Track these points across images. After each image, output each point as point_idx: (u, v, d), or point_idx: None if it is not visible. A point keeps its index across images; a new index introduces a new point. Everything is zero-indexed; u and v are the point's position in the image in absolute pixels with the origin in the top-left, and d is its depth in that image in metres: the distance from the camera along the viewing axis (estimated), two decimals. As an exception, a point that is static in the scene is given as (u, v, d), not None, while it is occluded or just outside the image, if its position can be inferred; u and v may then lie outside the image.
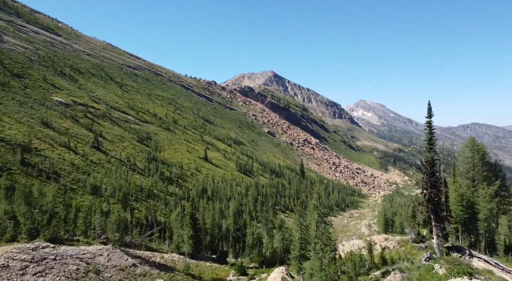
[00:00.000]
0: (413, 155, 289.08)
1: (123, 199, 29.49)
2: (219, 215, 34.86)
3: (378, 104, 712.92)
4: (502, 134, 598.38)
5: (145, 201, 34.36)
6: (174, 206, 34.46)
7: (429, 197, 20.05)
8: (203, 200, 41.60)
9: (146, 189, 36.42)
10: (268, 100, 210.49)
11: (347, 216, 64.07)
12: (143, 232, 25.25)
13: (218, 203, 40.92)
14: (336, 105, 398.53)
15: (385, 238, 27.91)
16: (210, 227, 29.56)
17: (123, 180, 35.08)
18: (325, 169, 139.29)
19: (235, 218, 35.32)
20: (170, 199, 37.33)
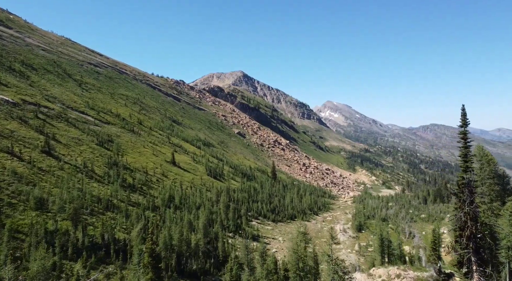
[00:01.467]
0: (379, 154, 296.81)
1: (74, 214, 25.15)
2: (188, 228, 31.41)
3: (344, 105, 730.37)
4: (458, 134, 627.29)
5: (103, 214, 30.12)
6: (137, 218, 30.47)
7: (470, 234, 16.45)
8: (169, 209, 37.82)
9: (104, 200, 32.09)
10: (238, 100, 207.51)
11: (320, 220, 62.34)
12: (97, 256, 21.42)
13: (186, 213, 37.29)
14: (305, 106, 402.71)
15: (396, 275, 24.32)
16: (177, 243, 26.19)
17: (77, 190, 30.55)
18: (295, 170, 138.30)
19: (205, 230, 31.98)
20: (133, 210, 33.25)
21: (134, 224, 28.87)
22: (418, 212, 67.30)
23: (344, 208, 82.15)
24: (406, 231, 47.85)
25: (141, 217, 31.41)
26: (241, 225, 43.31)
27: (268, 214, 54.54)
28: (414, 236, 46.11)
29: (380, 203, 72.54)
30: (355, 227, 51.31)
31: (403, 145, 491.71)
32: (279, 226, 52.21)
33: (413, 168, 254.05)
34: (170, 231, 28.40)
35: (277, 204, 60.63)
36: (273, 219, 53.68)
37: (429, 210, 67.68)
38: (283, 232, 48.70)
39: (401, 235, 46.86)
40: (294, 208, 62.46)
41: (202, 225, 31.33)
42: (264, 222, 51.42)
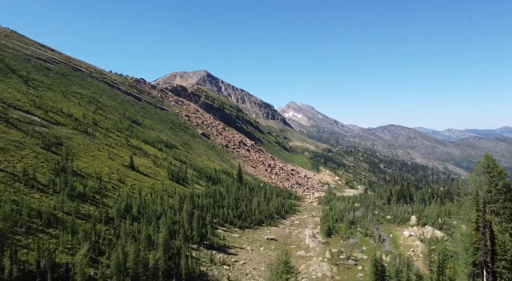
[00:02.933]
0: (341, 154, 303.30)
1: (0, 236, 20.55)
2: (146, 244, 27.88)
3: (307, 106, 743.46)
4: (413, 135, 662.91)
5: (43, 231, 25.72)
6: (85, 235, 26.39)
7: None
8: (126, 221, 33.82)
9: (46, 213, 27.53)
10: (202, 100, 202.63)
11: (288, 224, 60.49)
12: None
13: (145, 225, 33.52)
14: (269, 106, 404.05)
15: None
16: (133, 266, 22.69)
17: (11, 203, 25.82)
18: (261, 171, 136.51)
19: (166, 244, 28.52)
20: (81, 224, 29.06)
21: (81, 243, 24.81)
22: (383, 213, 67.47)
23: (310, 210, 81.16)
24: (376, 235, 47.04)
25: (90, 233, 27.31)
26: (206, 235, 40.10)
27: (234, 220, 51.70)
28: (383, 240, 45.30)
29: (347, 205, 72.08)
30: (324, 231, 49.82)
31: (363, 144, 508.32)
32: (246, 232, 49.57)
33: (373, 168, 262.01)
34: (125, 248, 24.78)
35: (243, 209, 57.94)
36: (240, 226, 50.93)
37: (394, 211, 68.09)
38: (251, 240, 46.10)
39: (371, 239, 45.91)
40: (262, 213, 60.08)
41: (162, 240, 27.82)
42: (231, 229, 48.55)
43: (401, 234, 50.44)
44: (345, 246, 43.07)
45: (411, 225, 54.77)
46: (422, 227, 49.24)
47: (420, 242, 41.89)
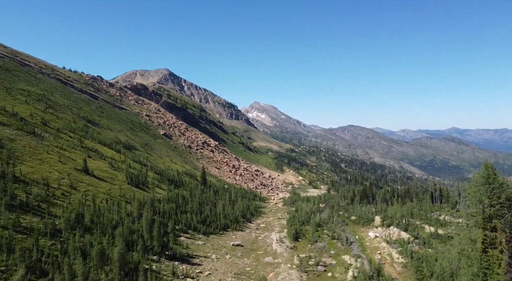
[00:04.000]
0: (304, 154, 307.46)
1: None
2: (98, 261, 24.85)
3: (271, 106, 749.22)
4: (372, 135, 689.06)
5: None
6: (23, 253, 22.89)
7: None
8: (75, 233, 30.31)
9: (-22, 228, 23.76)
10: (164, 99, 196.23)
11: (254, 228, 58.81)
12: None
13: (98, 237, 30.25)
14: (233, 106, 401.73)
15: None
16: (81, 290, 19.83)
17: None
18: (225, 172, 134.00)
19: (123, 259, 25.64)
20: (21, 239, 25.37)
21: (18, 263, 21.36)
22: (348, 214, 67.80)
23: (275, 211, 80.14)
24: (343, 237, 46.52)
25: (32, 250, 23.81)
26: (168, 244, 37.30)
27: (198, 226, 49.12)
28: (351, 242, 44.83)
29: (312, 206, 71.73)
30: (291, 235, 48.61)
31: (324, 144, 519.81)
32: (211, 239, 47.19)
33: (335, 167, 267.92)
34: (73, 267, 21.71)
35: (208, 213, 55.45)
36: (204, 232, 48.45)
37: (358, 211, 68.62)
38: (216, 247, 43.80)
39: (338, 242, 45.31)
40: (227, 217, 57.90)
41: (118, 254, 24.90)
42: (195, 236, 45.95)
43: (367, 236, 50.44)
44: (314, 250, 42.04)
45: (375, 226, 55.07)
46: (387, 228, 49.47)
47: (386, 244, 41.78)
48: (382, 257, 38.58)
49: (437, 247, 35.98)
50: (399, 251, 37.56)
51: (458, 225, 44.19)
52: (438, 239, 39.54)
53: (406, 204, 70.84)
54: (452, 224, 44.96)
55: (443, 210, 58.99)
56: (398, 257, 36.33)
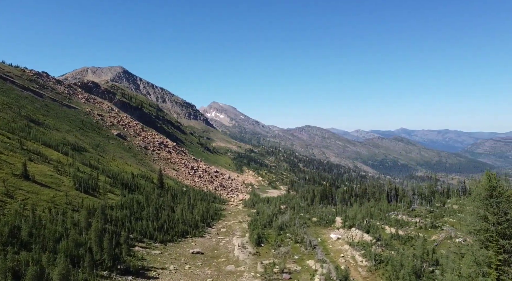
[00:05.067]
0: (263, 155, 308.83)
1: None
2: (35, 284, 21.43)
3: (229, 106, 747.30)
4: (328, 135, 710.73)
5: None
6: None
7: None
8: (8, 250, 26.26)
9: None
10: (118, 98, 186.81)
11: (214, 233, 56.49)
12: None
13: (37, 254, 26.48)
14: (191, 106, 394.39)
15: None
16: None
17: None
18: (183, 174, 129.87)
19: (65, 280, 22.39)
20: None
21: None
22: (309, 215, 67.70)
23: (236, 214, 78.33)
24: (306, 241, 45.74)
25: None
26: (120, 256, 34.02)
27: (155, 233, 45.91)
28: (314, 246, 44.13)
29: (274, 208, 70.76)
30: (254, 240, 47.01)
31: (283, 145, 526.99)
32: (169, 247, 44.25)
33: (294, 167, 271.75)
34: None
35: (165, 219, 52.25)
36: (161, 240, 45.33)
37: (319, 212, 68.79)
38: (174, 256, 41.03)
39: (302, 246, 44.43)
40: (186, 222, 55.03)
41: (59, 276, 21.66)
42: (151, 245, 42.79)
43: (329, 238, 50.19)
44: (277, 256, 40.71)
45: (337, 227, 55.14)
46: (348, 229, 49.51)
47: (349, 247, 41.52)
48: (345, 260, 38.14)
49: (399, 248, 36.10)
50: (362, 254, 37.30)
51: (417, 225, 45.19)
52: (399, 240, 39.92)
53: (365, 204, 72.22)
54: (410, 224, 45.84)
55: (399, 209, 60.51)
56: (362, 260, 36.02)
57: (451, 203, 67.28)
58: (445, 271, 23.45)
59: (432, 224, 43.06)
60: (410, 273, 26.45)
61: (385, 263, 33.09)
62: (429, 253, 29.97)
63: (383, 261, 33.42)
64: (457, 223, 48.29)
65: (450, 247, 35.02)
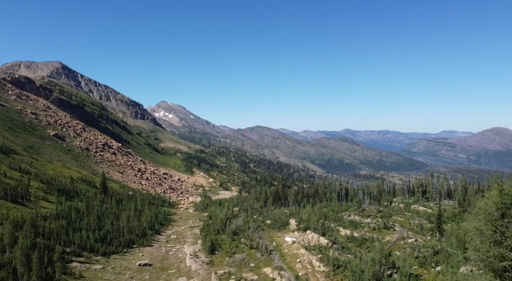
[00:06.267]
0: (213, 155, 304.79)
1: None
2: None
3: (179, 106, 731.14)
4: (277, 135, 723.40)
5: None
6: None
7: None
8: None
9: None
10: (56, 95, 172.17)
11: (164, 241, 52.91)
12: None
13: None
14: (138, 105, 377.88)
15: None
16: None
17: None
18: (130, 177, 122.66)
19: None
20: None
21: None
22: (263, 218, 66.37)
23: (187, 218, 74.94)
24: (261, 246, 44.19)
25: None
26: (54, 276, 29.74)
27: (96, 245, 41.46)
28: (270, 252, 42.68)
29: (227, 211, 68.45)
30: (207, 248, 44.41)
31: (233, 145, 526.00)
32: (112, 260, 40.13)
33: (245, 167, 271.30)
34: None
35: (109, 228, 47.75)
36: (104, 252, 41.03)
37: (272, 214, 67.81)
38: (118, 270, 37.16)
39: (258, 252, 42.75)
40: (132, 230, 50.82)
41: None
42: (91, 259, 38.44)
43: (284, 241, 49.15)
44: (232, 264, 38.61)
45: (291, 230, 54.35)
46: (303, 232, 48.88)
47: (305, 251, 40.67)
48: (303, 265, 37.13)
49: (356, 252, 35.83)
50: (319, 259, 36.54)
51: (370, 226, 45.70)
52: (354, 242, 39.85)
53: (317, 205, 72.69)
54: (364, 225, 46.25)
55: (350, 209, 61.45)
56: (320, 265, 35.21)
57: (398, 202, 70.14)
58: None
59: (385, 224, 43.74)
60: (371, 278, 25.91)
61: (343, 267, 32.51)
62: (387, 256, 29.77)
63: (341, 266, 32.84)
64: (405, 222, 49.89)
65: (404, 247, 35.51)
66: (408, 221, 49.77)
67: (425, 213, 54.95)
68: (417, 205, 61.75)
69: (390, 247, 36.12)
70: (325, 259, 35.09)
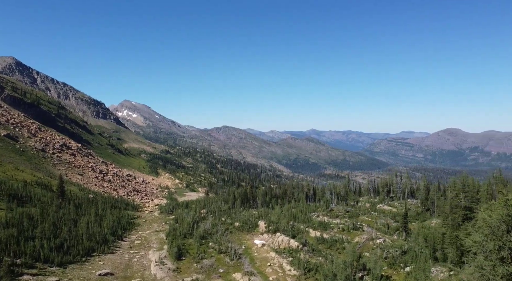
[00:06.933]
0: (179, 156, 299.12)
1: None
2: None
3: (143, 105, 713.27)
4: (244, 136, 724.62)
5: None
6: None
7: None
8: None
9: None
10: (8, 93, 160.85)
11: (127, 247, 50.19)
12: None
13: None
14: (100, 104, 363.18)
15: None
16: None
17: None
18: (90, 179, 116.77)
19: None
20: None
21: None
22: (231, 220, 65.17)
23: (152, 222, 72.07)
24: (230, 250, 42.95)
25: None
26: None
27: (51, 255, 38.30)
28: (239, 256, 41.56)
29: (194, 214, 66.50)
30: (173, 254, 42.49)
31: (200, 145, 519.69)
32: (70, 271, 37.25)
33: (212, 168, 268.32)
34: None
35: (66, 236, 44.46)
36: (60, 262, 37.99)
37: (241, 216, 66.81)
38: (76, 282, 34.47)
39: (227, 257, 41.48)
40: (93, 237, 47.71)
41: None
42: (46, 271, 35.41)
43: (253, 244, 48.26)
44: (200, 271, 37.08)
45: (260, 232, 53.61)
46: (273, 234, 48.24)
47: (275, 254, 39.97)
48: (273, 269, 36.35)
49: (326, 254, 35.58)
50: (290, 262, 35.93)
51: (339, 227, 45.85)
52: (325, 243, 39.69)
53: (285, 205, 72.52)
54: (333, 226, 46.36)
55: (319, 210, 61.73)
56: (290, 268, 34.58)
57: (364, 201, 71.58)
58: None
59: (354, 225, 44.03)
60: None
61: (314, 271, 32.07)
62: (358, 259, 29.64)
63: (312, 269, 32.39)
64: (372, 222, 50.68)
65: (373, 248, 35.72)
66: (375, 220, 50.58)
67: (391, 212, 56.23)
68: (382, 205, 63.18)
69: (359, 248, 36.23)
70: (296, 263, 34.52)
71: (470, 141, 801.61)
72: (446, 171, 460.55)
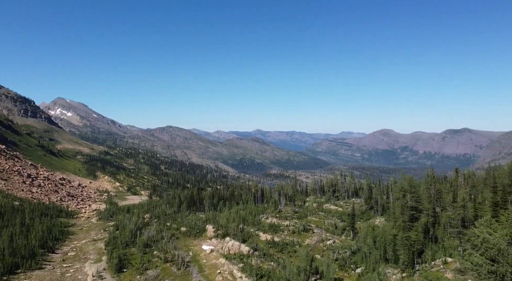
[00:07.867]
0: (120, 157, 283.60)
1: None
2: None
3: (80, 103, 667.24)
4: (189, 136, 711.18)
5: None
6: None
7: None
8: None
9: None
10: None
11: (59, 261, 45.23)
12: None
13: None
14: (29, 101, 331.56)
15: None
16: None
17: None
18: (16, 184, 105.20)
19: None
20: None
21: None
22: (177, 224, 62.20)
23: (89, 230, 66.46)
24: (177, 258, 40.43)
25: None
26: None
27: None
28: (187, 264, 39.26)
29: (137, 220, 62.30)
30: (113, 266, 38.88)
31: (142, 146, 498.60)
32: (-13, 293, 32.22)
33: (155, 170, 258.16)
34: None
35: (-17, 252, 38.66)
36: (-25, 284, 32.74)
37: (188, 221, 64.05)
38: (-5, 306, 29.76)
39: (173, 266, 38.94)
40: (17, 252, 42.16)
41: None
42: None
43: (202, 250, 46.17)
44: (144, 284, 34.26)
45: (209, 237, 51.66)
46: (222, 239, 46.60)
47: (225, 260, 38.42)
48: (223, 277, 34.75)
49: (278, 259, 34.83)
50: (241, 268, 34.62)
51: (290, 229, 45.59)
52: (276, 247, 39.00)
53: (234, 207, 71.11)
54: (283, 228, 45.98)
55: (267, 211, 61.29)
56: (241, 276, 33.28)
57: (311, 201, 72.76)
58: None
59: (304, 227, 44.02)
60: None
61: (266, 277, 31.10)
62: (311, 262, 29.20)
63: (265, 275, 31.41)
64: (320, 222, 51.31)
65: (323, 250, 35.73)
66: (323, 220, 51.22)
67: (337, 211, 57.53)
68: (329, 204, 64.57)
69: (310, 250, 36.06)
70: (248, 269, 33.28)
71: (401, 141, 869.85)
72: (381, 169, 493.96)
